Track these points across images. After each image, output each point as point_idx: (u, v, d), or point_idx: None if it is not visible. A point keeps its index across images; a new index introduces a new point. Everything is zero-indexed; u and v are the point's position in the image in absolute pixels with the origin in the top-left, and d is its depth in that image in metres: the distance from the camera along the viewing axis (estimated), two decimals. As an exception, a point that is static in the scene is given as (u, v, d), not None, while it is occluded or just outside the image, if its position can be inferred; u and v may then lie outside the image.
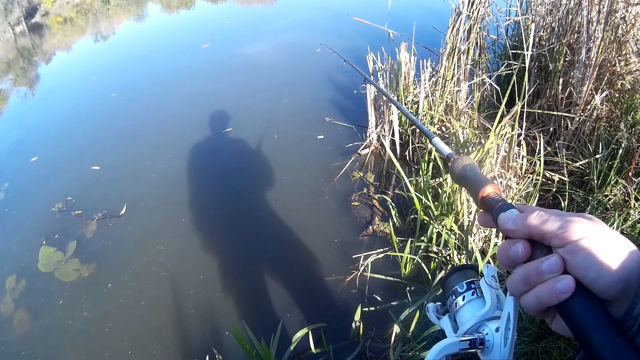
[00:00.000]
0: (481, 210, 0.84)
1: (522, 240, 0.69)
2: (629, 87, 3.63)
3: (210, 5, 15.29)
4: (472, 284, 0.90)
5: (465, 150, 3.77)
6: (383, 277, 3.53)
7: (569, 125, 3.82)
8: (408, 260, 3.45)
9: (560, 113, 3.82)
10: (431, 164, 3.93)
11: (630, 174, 3.22)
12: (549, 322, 0.69)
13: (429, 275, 3.35)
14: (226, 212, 4.72)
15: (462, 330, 0.86)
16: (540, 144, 3.44)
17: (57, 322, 3.81)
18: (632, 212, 3.12)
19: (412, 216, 3.97)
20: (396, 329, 2.96)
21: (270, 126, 5.98)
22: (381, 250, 3.75)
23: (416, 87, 4.79)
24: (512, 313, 0.75)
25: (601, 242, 0.61)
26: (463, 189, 3.14)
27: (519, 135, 3.59)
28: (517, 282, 0.67)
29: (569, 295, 0.61)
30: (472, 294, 0.88)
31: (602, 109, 3.68)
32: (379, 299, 3.46)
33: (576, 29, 3.73)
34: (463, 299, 0.88)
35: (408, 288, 3.44)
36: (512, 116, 3.27)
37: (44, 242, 4.64)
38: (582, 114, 3.71)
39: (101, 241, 4.56)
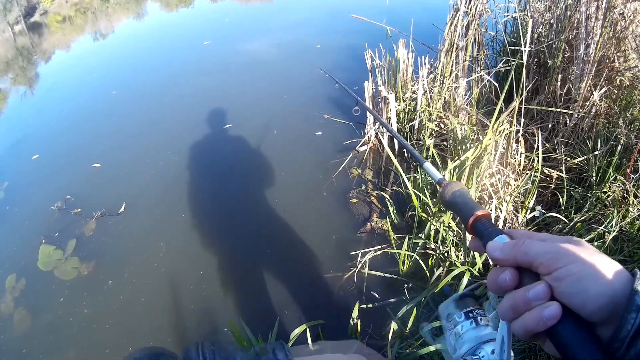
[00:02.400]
0: (472, 236, 0.84)
1: (509, 268, 0.71)
2: (628, 83, 3.63)
3: (210, 3, 15.27)
4: (470, 313, 0.91)
5: (463, 146, 3.77)
6: (381, 274, 3.53)
7: (568, 122, 3.81)
8: (406, 257, 3.45)
9: (558, 109, 3.81)
10: (429, 160, 3.91)
11: (628, 171, 3.21)
12: (541, 344, 0.70)
13: (427, 272, 3.35)
14: (225, 208, 4.72)
15: (459, 354, 0.87)
16: (538, 140, 3.43)
17: (58, 320, 3.80)
18: (630, 208, 3.11)
19: (410, 213, 3.98)
20: (394, 326, 2.95)
21: (269, 123, 5.98)
22: (379, 247, 3.76)
23: (414, 83, 4.79)
24: (505, 336, 0.77)
25: (587, 268, 0.63)
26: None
27: (517, 131, 3.58)
28: (506, 309, 0.69)
29: (556, 322, 0.63)
30: (471, 324, 0.90)
31: (601, 105, 3.68)
32: (376, 296, 3.46)
33: (575, 25, 3.73)
34: (462, 328, 0.90)
35: (406, 285, 3.44)
36: (510, 112, 3.27)
37: (44, 241, 4.63)
38: (580, 110, 3.70)
39: (101, 239, 4.56)
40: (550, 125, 3.99)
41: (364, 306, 3.36)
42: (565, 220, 3.33)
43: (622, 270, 0.63)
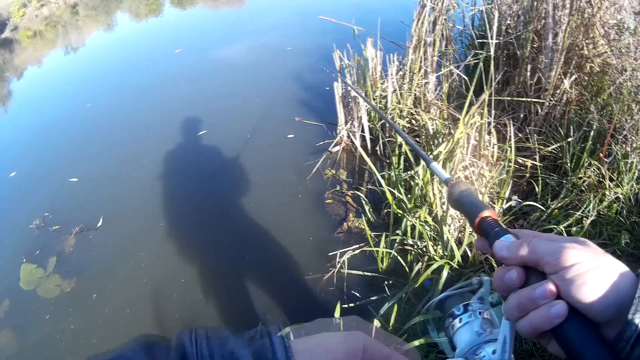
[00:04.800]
0: (478, 236, 0.84)
1: (516, 267, 0.71)
2: (598, 69, 3.64)
3: (179, 11, 15.23)
4: (468, 306, 0.90)
5: (436, 141, 3.77)
6: (361, 272, 3.51)
7: (539, 111, 3.82)
8: (384, 254, 3.44)
9: (529, 99, 3.82)
10: (402, 157, 3.91)
11: (602, 155, 3.23)
12: (545, 345, 0.71)
13: (407, 268, 3.33)
14: (203, 215, 4.70)
15: (459, 353, 0.86)
16: (510, 130, 3.43)
17: (45, 338, 3.76)
18: (607, 192, 3.13)
19: (386, 210, 3.97)
20: (376, 323, 2.93)
21: (242, 127, 5.95)
22: (357, 246, 3.74)
23: (384, 81, 4.77)
24: (508, 336, 0.76)
25: (593, 268, 0.63)
26: (435, 179, 3.14)
27: (489, 123, 3.58)
28: (512, 308, 0.69)
29: (562, 320, 0.63)
30: (470, 317, 0.88)
31: (572, 92, 3.69)
32: (357, 295, 3.44)
33: (542, 15, 3.74)
34: (460, 322, 0.89)
35: (386, 282, 3.43)
36: (481, 105, 3.26)
37: (25, 260, 4.55)
38: (551, 98, 3.71)
39: (81, 254, 4.50)
40: (522, 115, 4.01)
41: (346, 306, 3.34)
42: (543, 208, 3.34)
43: (627, 271, 0.64)
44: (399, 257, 3.37)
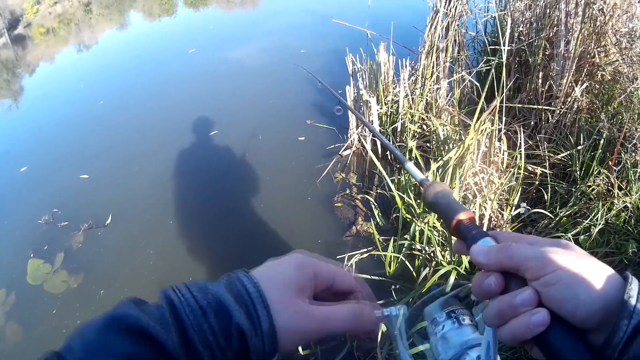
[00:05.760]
0: (456, 239, 0.81)
1: (495, 273, 0.68)
2: (609, 78, 3.65)
3: (193, 12, 15.25)
4: (452, 312, 0.89)
5: (446, 146, 3.77)
6: (368, 276, 3.49)
7: (550, 118, 3.82)
8: (392, 259, 3.44)
9: (540, 106, 3.82)
10: (412, 162, 3.91)
11: (612, 164, 3.23)
12: (528, 350, 0.68)
13: (414, 273, 3.33)
14: (212, 214, 4.72)
15: (443, 359, 0.85)
16: (520, 137, 3.44)
17: (51, 332, 3.77)
18: (615, 201, 3.12)
19: (395, 215, 3.96)
20: (383, 327, 2.94)
21: (254, 128, 5.96)
22: (365, 250, 3.72)
23: (396, 86, 4.77)
24: (491, 342, 0.74)
25: (577, 273, 0.61)
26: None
27: (500, 130, 3.58)
28: (492, 316, 0.67)
29: (544, 328, 0.61)
30: (453, 323, 0.87)
31: (583, 100, 3.69)
32: (364, 299, 3.44)
33: (555, 22, 3.75)
34: (442, 328, 0.88)
35: (393, 287, 3.42)
36: (492, 111, 3.27)
37: (32, 255, 4.58)
38: (562, 106, 3.71)
39: (90, 250, 4.53)
40: (532, 123, 4.00)
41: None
42: (551, 215, 3.34)
43: (613, 274, 0.62)
44: (407, 262, 3.36)
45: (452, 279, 2.96)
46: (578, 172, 3.50)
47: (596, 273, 0.61)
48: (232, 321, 0.59)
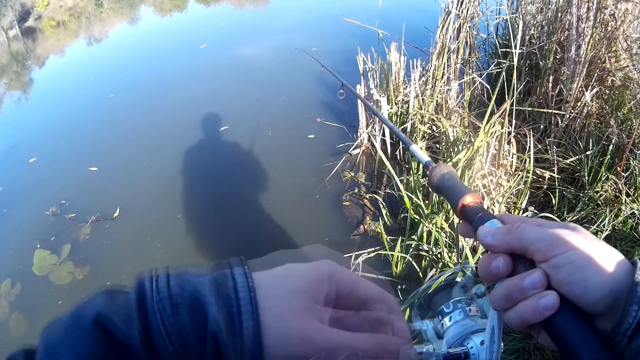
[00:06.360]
0: (461, 221, 0.80)
1: (503, 254, 0.67)
2: (619, 83, 3.64)
3: (204, 8, 15.28)
4: (458, 303, 0.89)
5: (456, 148, 3.78)
6: (375, 276, 3.50)
7: (560, 123, 3.82)
8: (399, 259, 3.45)
9: (550, 110, 3.82)
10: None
11: (620, 170, 3.23)
12: (535, 336, 0.68)
13: (420, 273, 3.35)
14: (220, 209, 4.75)
15: (445, 344, 0.85)
16: (530, 141, 3.43)
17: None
18: (623, 207, 3.13)
19: (403, 215, 3.97)
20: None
21: (264, 125, 5.99)
22: (372, 249, 3.74)
23: (406, 86, 4.78)
24: (496, 327, 0.74)
25: (586, 255, 0.59)
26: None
27: (509, 133, 3.58)
28: (499, 298, 0.66)
29: (553, 312, 0.59)
30: (460, 314, 0.87)
31: (592, 105, 3.68)
32: (370, 298, 3.44)
33: (566, 26, 3.74)
34: (450, 319, 0.88)
35: (399, 287, 3.43)
36: (502, 114, 3.27)
37: (39, 246, 4.61)
38: (572, 111, 3.71)
39: (97, 243, 4.56)
40: (542, 126, 4.00)
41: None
42: (558, 220, 3.32)
43: (622, 259, 0.60)
44: (414, 262, 3.37)
45: (459, 279, 2.97)
46: (586, 177, 3.50)
47: (606, 256, 0.60)
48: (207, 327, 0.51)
